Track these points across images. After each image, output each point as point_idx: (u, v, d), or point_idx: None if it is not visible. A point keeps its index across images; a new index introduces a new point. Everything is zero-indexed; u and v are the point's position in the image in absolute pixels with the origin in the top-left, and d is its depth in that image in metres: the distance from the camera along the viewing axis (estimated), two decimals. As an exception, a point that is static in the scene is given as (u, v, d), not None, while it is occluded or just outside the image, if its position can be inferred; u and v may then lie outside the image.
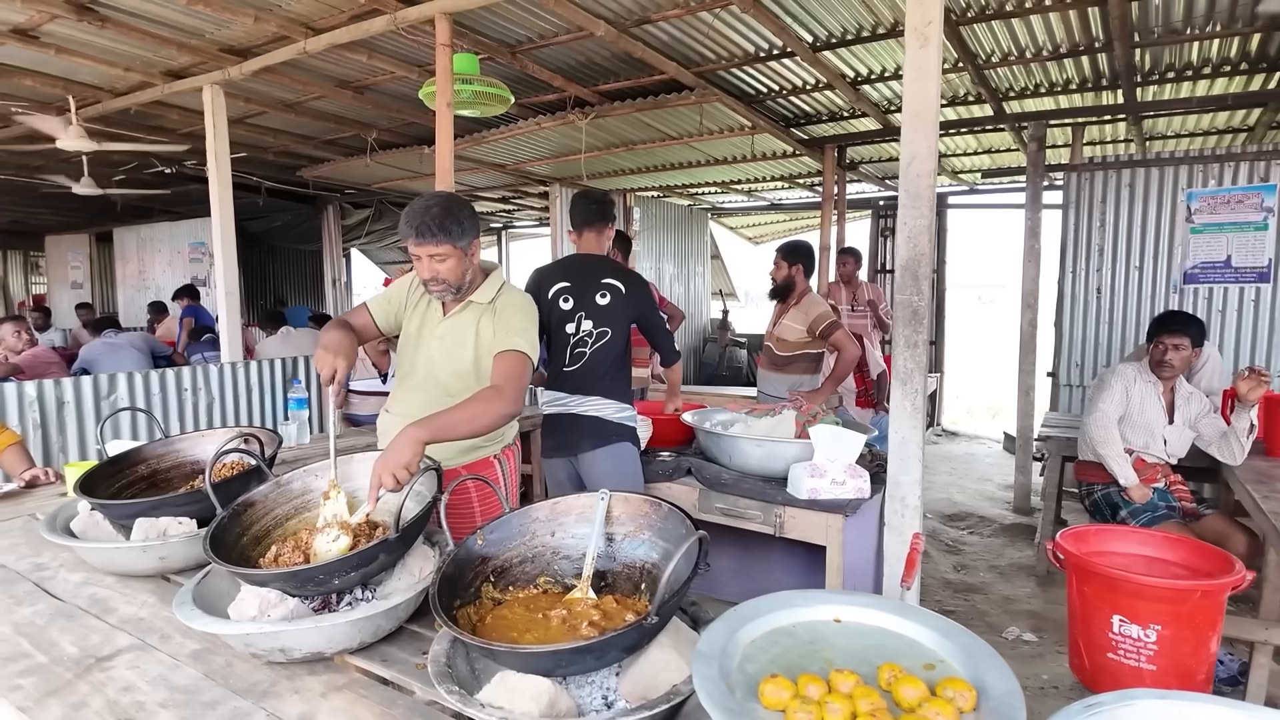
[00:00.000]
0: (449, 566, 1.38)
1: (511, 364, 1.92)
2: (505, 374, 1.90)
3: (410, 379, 2.12)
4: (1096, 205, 5.34)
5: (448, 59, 3.49)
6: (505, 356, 1.94)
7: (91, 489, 1.90)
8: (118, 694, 1.32)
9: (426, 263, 1.93)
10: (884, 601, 1.21)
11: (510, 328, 1.98)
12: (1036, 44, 4.18)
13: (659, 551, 1.44)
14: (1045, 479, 4.08)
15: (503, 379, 1.89)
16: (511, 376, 1.89)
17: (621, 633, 1.15)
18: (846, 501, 2.36)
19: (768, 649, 1.13)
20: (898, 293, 2.47)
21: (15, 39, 4.12)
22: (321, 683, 1.37)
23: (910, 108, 2.44)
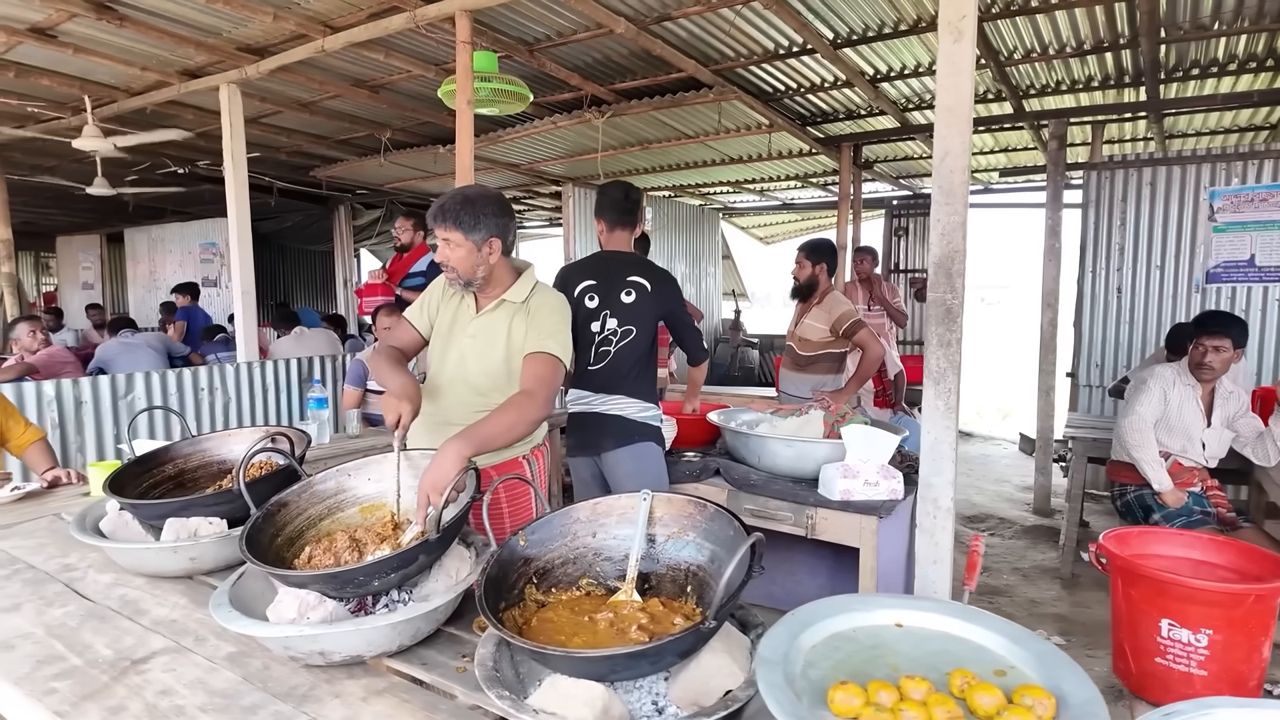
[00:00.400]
0: (493, 568, 1.35)
1: (542, 366, 1.91)
2: (536, 377, 1.89)
3: (439, 376, 2.10)
4: (1117, 204, 5.28)
5: (468, 56, 3.47)
6: (537, 359, 1.93)
7: (120, 488, 1.87)
8: (156, 697, 1.29)
9: (441, 247, 1.96)
10: (947, 605, 1.18)
11: (543, 329, 1.97)
12: (1060, 40, 4.13)
13: (706, 554, 1.40)
14: (1070, 481, 4.03)
15: (534, 382, 1.88)
16: (543, 379, 1.88)
17: (679, 637, 1.12)
18: (881, 503, 2.32)
19: (829, 654, 1.10)
20: (931, 290, 2.43)
21: (33, 38, 4.12)
22: (361, 687, 1.34)
23: (943, 103, 2.40)
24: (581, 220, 7.47)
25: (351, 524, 1.70)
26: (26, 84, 4.88)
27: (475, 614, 1.59)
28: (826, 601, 1.19)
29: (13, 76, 4.69)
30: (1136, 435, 3.09)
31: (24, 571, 1.84)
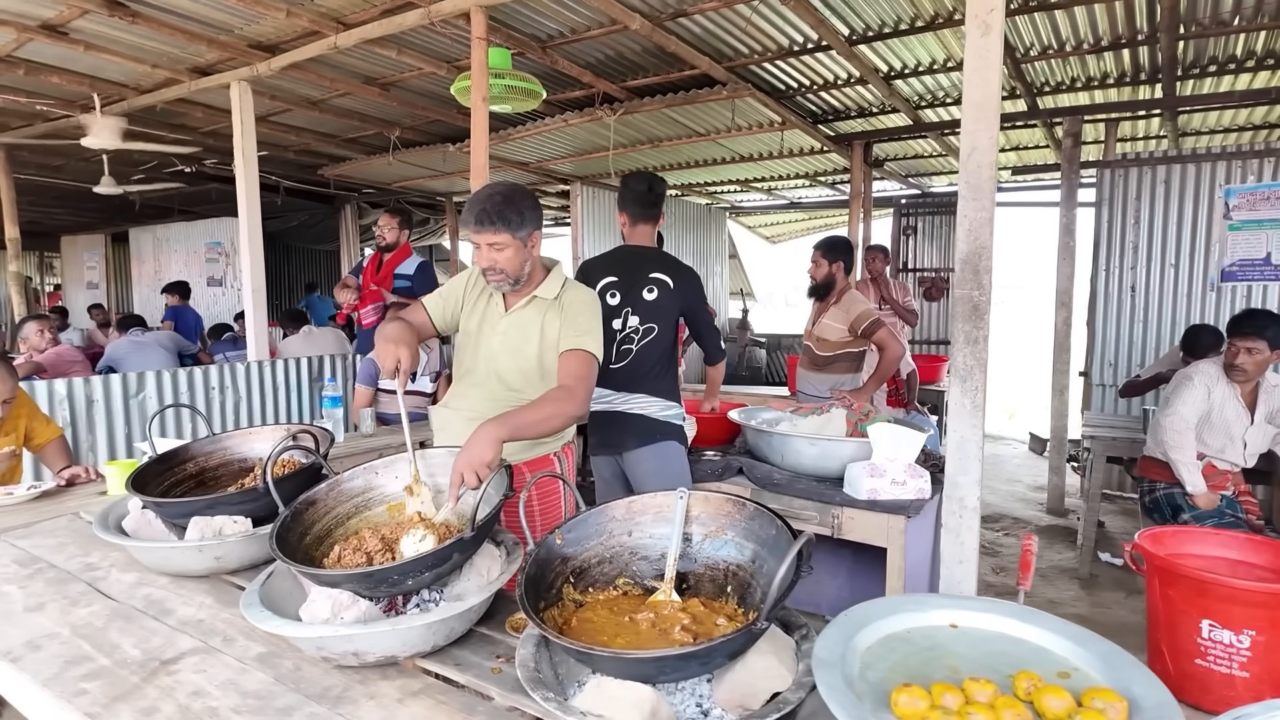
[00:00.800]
0: (531, 567, 1.32)
1: (580, 364, 1.91)
2: (574, 374, 1.89)
3: (471, 375, 2.07)
4: (1131, 202, 5.25)
5: (483, 53, 3.44)
6: (574, 356, 1.93)
7: (141, 487, 1.85)
8: (188, 699, 1.27)
9: (485, 251, 1.91)
10: (1003, 605, 1.15)
11: (579, 327, 1.97)
12: (1078, 36, 4.10)
13: (747, 553, 1.37)
14: (1089, 481, 4.00)
15: (572, 380, 1.88)
16: (580, 377, 1.88)
17: (731, 637, 1.09)
18: (908, 502, 2.30)
19: (886, 656, 1.07)
20: (957, 287, 2.40)
21: (44, 35, 4.09)
22: (396, 688, 1.32)
23: (971, 97, 2.37)
24: (590, 219, 7.44)
25: (379, 522, 1.68)
26: (36, 82, 4.87)
27: (506, 614, 1.57)
28: (879, 602, 1.16)
29: (22, 74, 4.67)
30: (1176, 436, 3.03)
31: (46, 571, 1.81)
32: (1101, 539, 4.32)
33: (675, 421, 2.64)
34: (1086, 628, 2.21)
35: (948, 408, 6.23)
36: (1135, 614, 3.50)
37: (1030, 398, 10.62)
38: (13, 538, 2.04)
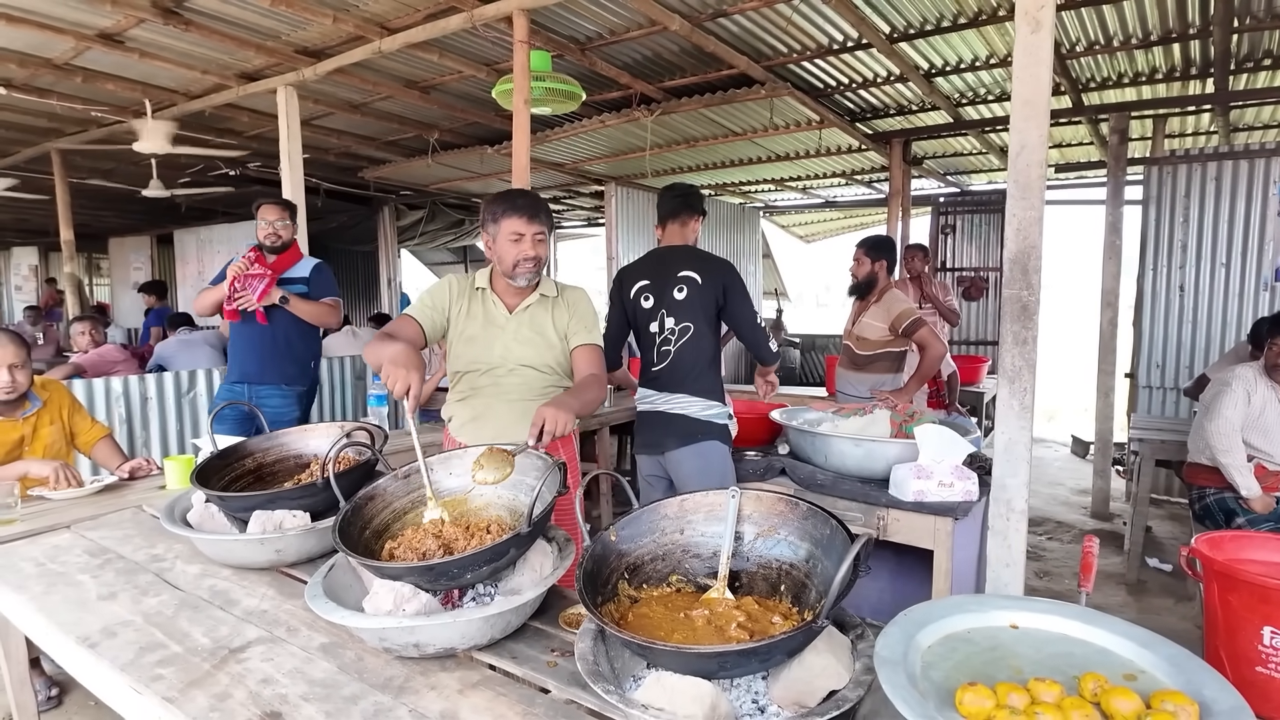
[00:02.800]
0: (588, 563, 1.35)
1: (598, 356, 2.20)
2: (597, 364, 2.17)
3: (492, 372, 2.20)
4: (1180, 200, 5.13)
5: (525, 56, 3.48)
6: (592, 350, 2.20)
7: (204, 481, 1.91)
8: (258, 686, 1.31)
9: (530, 242, 2.09)
10: (1065, 607, 1.14)
11: (588, 322, 2.23)
12: (1126, 31, 4.02)
13: (802, 552, 1.38)
14: (1136, 485, 3.92)
15: (597, 369, 2.16)
16: (603, 367, 2.19)
17: (791, 635, 1.10)
18: (956, 504, 2.28)
19: (948, 655, 1.07)
20: (1006, 287, 2.38)
21: (101, 43, 4.23)
22: (456, 679, 1.35)
23: (1020, 95, 2.35)
24: (624, 219, 7.46)
25: (434, 517, 1.71)
26: (92, 89, 5.02)
27: (558, 609, 1.59)
28: (939, 602, 1.17)
29: (79, 81, 4.82)
30: (1223, 439, 2.97)
31: (115, 561, 1.88)
32: (1149, 544, 4.23)
33: (718, 421, 2.64)
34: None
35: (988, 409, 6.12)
36: (1184, 620, 3.42)
37: (1071, 399, 10.43)
38: (82, 529, 2.12)
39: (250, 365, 3.59)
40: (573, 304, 2.24)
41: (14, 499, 2.22)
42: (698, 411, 2.62)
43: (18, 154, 6.95)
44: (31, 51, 4.43)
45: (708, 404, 2.63)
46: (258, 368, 3.59)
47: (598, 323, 2.27)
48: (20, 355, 2.56)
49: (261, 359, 3.59)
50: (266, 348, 3.59)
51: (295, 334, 3.67)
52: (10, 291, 14.00)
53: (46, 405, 2.69)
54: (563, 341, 2.21)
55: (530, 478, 1.71)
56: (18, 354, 2.54)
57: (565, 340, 2.21)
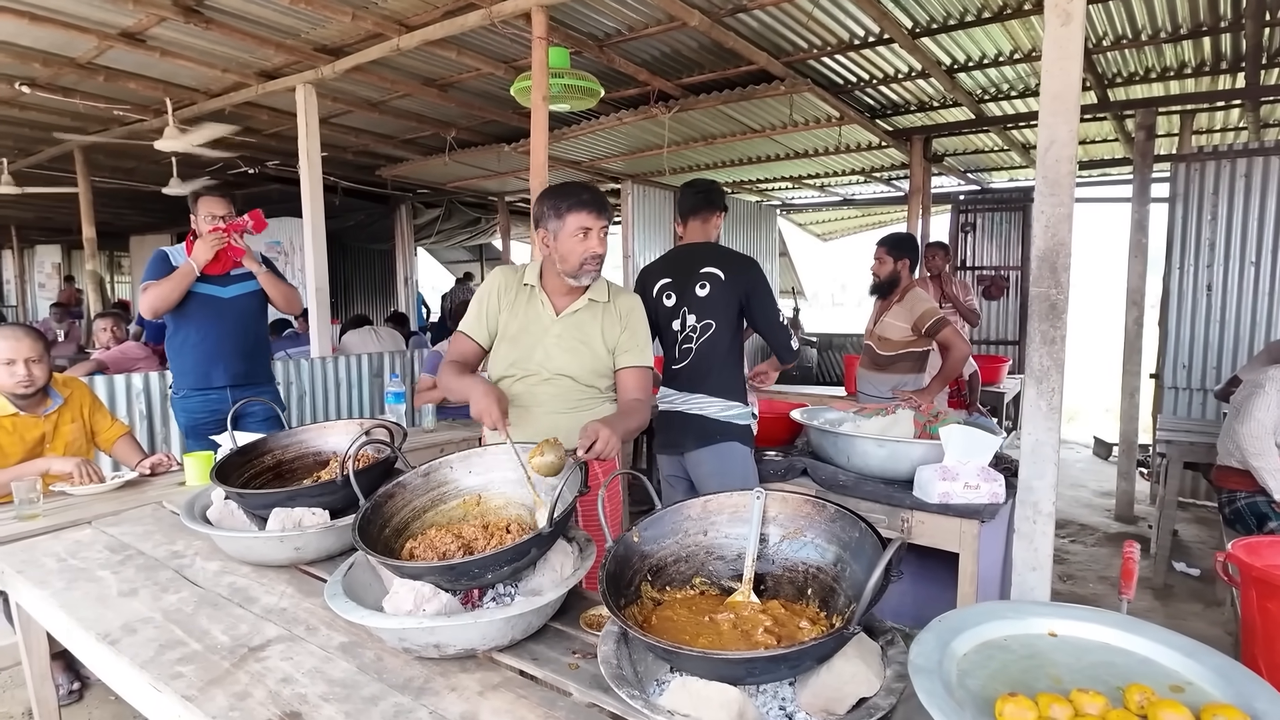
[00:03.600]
0: (611, 564, 1.32)
1: (648, 379, 2.11)
2: (645, 389, 2.09)
3: (531, 376, 2.09)
4: (1207, 197, 5.02)
5: (544, 52, 3.46)
6: (642, 373, 2.11)
7: (224, 478, 1.91)
8: (278, 685, 1.30)
9: (597, 237, 2.01)
10: (1105, 615, 1.11)
11: (639, 339, 2.12)
12: (1155, 25, 3.94)
13: (829, 555, 1.35)
14: (1164, 487, 3.84)
15: (643, 394, 2.08)
16: (648, 391, 2.10)
17: (821, 641, 1.07)
18: (982, 506, 2.23)
19: (984, 664, 1.04)
20: (1034, 285, 2.33)
21: (124, 42, 4.26)
22: (476, 681, 1.33)
23: (1049, 89, 2.30)
24: (641, 218, 7.43)
25: (454, 517, 1.70)
26: (114, 87, 5.07)
27: (579, 610, 1.57)
28: (974, 608, 1.13)
29: (102, 80, 4.87)
30: (1256, 443, 2.90)
31: (135, 558, 1.88)
32: (1175, 548, 4.15)
33: (738, 422, 2.58)
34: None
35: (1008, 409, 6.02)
36: (1214, 626, 3.35)
37: (1092, 400, 10.29)
38: (103, 525, 2.12)
39: (237, 365, 3.26)
40: (625, 315, 2.11)
41: (36, 495, 2.23)
42: (716, 412, 2.56)
43: (41, 152, 7.03)
44: (55, 51, 4.47)
45: (727, 404, 2.58)
46: (245, 367, 3.29)
47: (649, 338, 2.16)
48: (37, 349, 2.55)
49: (251, 357, 3.32)
50: (250, 344, 3.30)
51: (264, 329, 3.43)
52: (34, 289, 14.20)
53: (68, 403, 2.70)
54: (610, 354, 2.09)
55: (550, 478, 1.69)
56: (34, 348, 2.54)
57: (612, 354, 2.09)
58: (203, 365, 3.20)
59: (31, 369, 2.51)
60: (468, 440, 3.57)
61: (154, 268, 3.16)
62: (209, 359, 3.19)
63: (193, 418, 3.23)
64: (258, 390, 3.29)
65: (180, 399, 3.26)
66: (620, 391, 2.11)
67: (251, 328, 3.32)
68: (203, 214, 3.17)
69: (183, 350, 3.21)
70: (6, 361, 2.48)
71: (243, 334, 3.27)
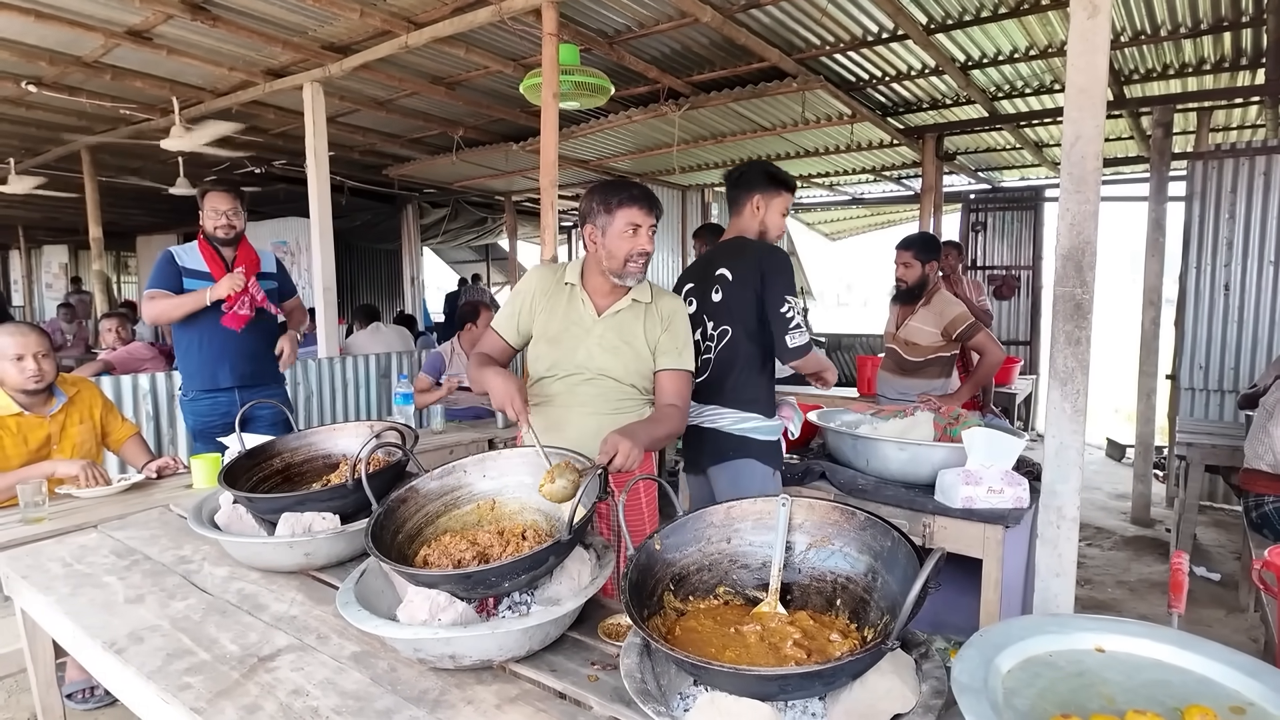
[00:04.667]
0: (633, 573, 1.27)
1: (687, 385, 2.05)
2: (683, 395, 2.03)
3: (572, 376, 2.02)
4: (1225, 196, 4.95)
5: (554, 49, 3.41)
6: (680, 376, 2.04)
7: (232, 481, 1.87)
8: (288, 697, 1.26)
9: (647, 234, 1.96)
10: (1156, 630, 1.05)
11: (680, 341, 2.05)
12: (1175, 20, 3.88)
13: (861, 565, 1.30)
14: (1185, 491, 3.77)
15: (680, 400, 2.02)
16: (686, 398, 2.04)
17: (859, 657, 1.02)
18: (1006, 511, 2.18)
19: (1031, 682, 0.99)
20: (1058, 285, 2.27)
21: (130, 40, 4.23)
22: (493, 693, 1.28)
23: (1075, 82, 2.24)
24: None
25: (468, 522, 1.66)
26: (120, 86, 5.04)
27: (597, 618, 1.53)
28: (1015, 622, 1.08)
29: (108, 79, 4.84)
30: None
31: (142, 563, 1.84)
32: (1195, 552, 4.09)
33: (757, 436, 2.34)
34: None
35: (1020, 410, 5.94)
36: (1238, 634, 3.29)
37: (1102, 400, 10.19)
38: (109, 529, 2.09)
39: (245, 366, 3.24)
40: (667, 317, 2.05)
41: (42, 497, 2.20)
42: (730, 425, 2.33)
43: (48, 152, 7.02)
44: (61, 49, 4.44)
45: (741, 415, 2.33)
46: (252, 368, 3.27)
47: (691, 342, 2.08)
48: (44, 344, 2.55)
49: (258, 358, 3.29)
50: (258, 346, 3.28)
51: (273, 330, 3.41)
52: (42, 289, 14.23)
53: (74, 403, 2.67)
54: (651, 355, 2.03)
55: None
56: (40, 343, 2.54)
57: (654, 355, 2.03)
58: (209, 367, 3.17)
59: (40, 363, 2.51)
60: (476, 442, 3.53)
61: (160, 272, 3.15)
62: (216, 360, 3.17)
63: (201, 420, 3.20)
64: (266, 392, 3.25)
65: (188, 401, 3.23)
66: (657, 395, 2.05)
67: (260, 329, 3.29)
68: (208, 209, 3.16)
69: (190, 352, 3.19)
70: (16, 357, 2.47)
71: (251, 335, 3.23)
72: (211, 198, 3.16)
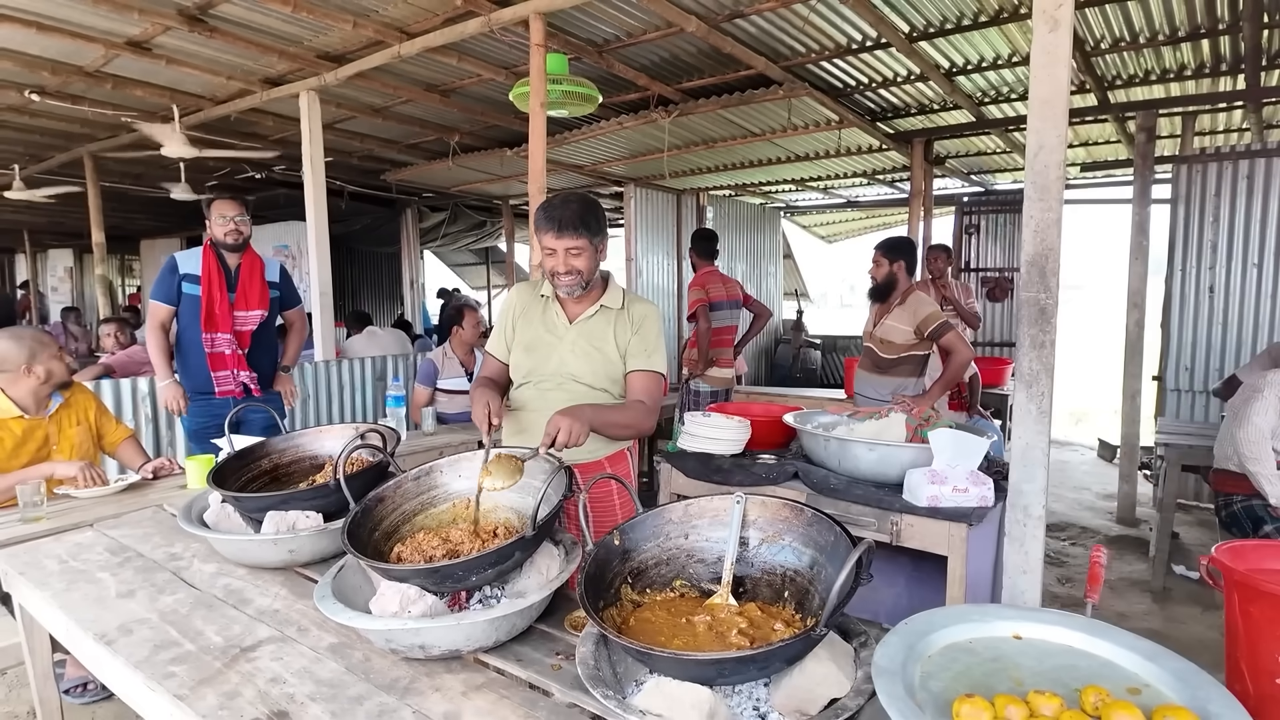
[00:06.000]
0: (591, 566, 1.35)
1: (655, 384, 2.07)
2: (650, 394, 2.05)
3: (544, 382, 2.09)
4: (1210, 199, 5.01)
5: (541, 59, 3.49)
6: (648, 376, 2.07)
7: (221, 481, 1.95)
8: (267, 685, 1.33)
9: (562, 256, 1.97)
10: (1069, 618, 1.13)
11: (650, 345, 2.09)
12: (1153, 28, 3.94)
13: (805, 559, 1.38)
14: (1162, 490, 3.83)
15: (648, 398, 2.04)
16: (655, 397, 2.06)
17: (789, 643, 1.09)
18: (970, 510, 2.25)
19: (948, 666, 1.06)
20: (1023, 290, 2.34)
21: (130, 51, 4.32)
22: (461, 681, 1.36)
23: (1038, 94, 2.32)
24: (643, 221, 7.47)
25: (443, 520, 1.73)
26: (121, 94, 5.13)
27: (564, 612, 1.60)
28: (941, 611, 1.15)
29: (109, 88, 4.94)
30: (1253, 448, 2.90)
31: (134, 560, 1.93)
32: (1175, 551, 4.14)
33: None
34: (1158, 641, 2.14)
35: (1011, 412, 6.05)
36: (1213, 630, 3.35)
37: (1098, 402, 10.25)
38: (104, 528, 2.17)
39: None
40: (638, 321, 2.09)
41: (40, 497, 2.28)
42: None
43: (51, 159, 7.12)
44: (63, 59, 4.54)
45: None
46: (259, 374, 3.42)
47: (662, 346, 2.11)
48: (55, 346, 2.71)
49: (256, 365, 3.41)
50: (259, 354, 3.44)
51: (272, 337, 3.59)
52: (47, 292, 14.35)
53: (70, 405, 2.76)
54: (622, 360, 2.08)
55: (539, 480, 1.72)
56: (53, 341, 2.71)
57: (624, 358, 2.08)
58: (207, 371, 3.26)
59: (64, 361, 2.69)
60: (466, 444, 3.61)
61: (161, 281, 3.27)
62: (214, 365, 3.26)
63: (198, 422, 3.29)
64: (264, 397, 3.34)
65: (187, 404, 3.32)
66: (626, 394, 2.10)
67: (258, 336, 3.40)
68: (215, 216, 3.26)
69: (188, 357, 3.30)
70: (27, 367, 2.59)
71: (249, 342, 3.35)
72: (219, 205, 3.24)
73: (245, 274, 3.35)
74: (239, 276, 3.33)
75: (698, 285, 4.89)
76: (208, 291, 3.22)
